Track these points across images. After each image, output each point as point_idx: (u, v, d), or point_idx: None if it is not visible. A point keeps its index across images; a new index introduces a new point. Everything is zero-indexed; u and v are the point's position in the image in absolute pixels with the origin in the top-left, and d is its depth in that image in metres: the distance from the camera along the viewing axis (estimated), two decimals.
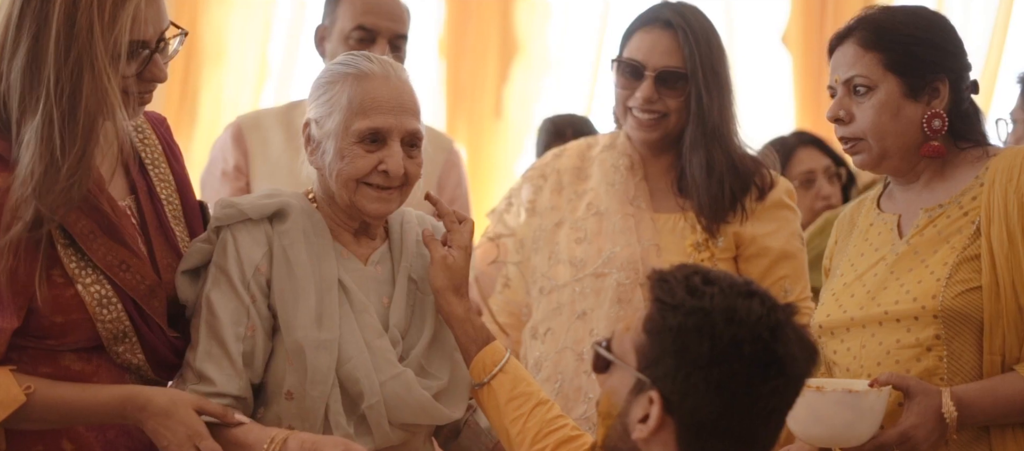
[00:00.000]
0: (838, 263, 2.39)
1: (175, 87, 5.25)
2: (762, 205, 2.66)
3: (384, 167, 2.10)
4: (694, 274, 1.67)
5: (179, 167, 2.19)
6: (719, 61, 2.66)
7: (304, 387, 2.06)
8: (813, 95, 5.03)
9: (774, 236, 2.65)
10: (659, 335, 1.64)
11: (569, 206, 2.73)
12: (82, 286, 1.99)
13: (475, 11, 5.25)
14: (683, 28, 2.63)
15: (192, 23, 5.25)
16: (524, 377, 2.13)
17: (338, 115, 2.09)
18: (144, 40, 1.98)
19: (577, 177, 2.75)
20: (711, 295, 1.64)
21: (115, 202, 2.04)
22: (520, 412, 2.10)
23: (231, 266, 2.07)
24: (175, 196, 2.16)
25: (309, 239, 2.12)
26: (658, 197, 2.70)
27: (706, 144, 2.62)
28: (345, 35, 2.99)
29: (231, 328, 2.05)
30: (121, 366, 2.05)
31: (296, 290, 2.08)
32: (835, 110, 2.29)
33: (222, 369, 2.04)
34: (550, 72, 5.27)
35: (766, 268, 2.65)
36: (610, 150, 2.74)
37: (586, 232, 2.68)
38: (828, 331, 2.31)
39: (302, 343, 2.06)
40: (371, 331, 2.11)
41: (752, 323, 1.62)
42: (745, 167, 2.67)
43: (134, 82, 1.99)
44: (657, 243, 2.63)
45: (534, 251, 2.73)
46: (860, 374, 2.23)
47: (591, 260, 2.65)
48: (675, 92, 2.63)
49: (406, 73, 2.17)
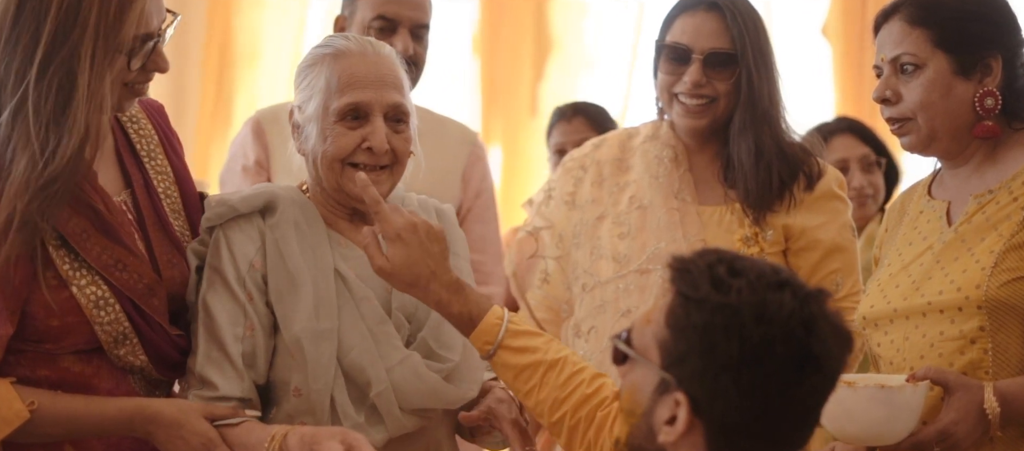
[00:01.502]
0: (886, 252, 2.31)
1: (210, 88, 5.27)
2: (811, 195, 2.58)
3: (368, 143, 2.04)
4: (718, 263, 1.54)
5: (177, 158, 2.13)
6: (766, 42, 2.59)
7: (308, 381, 2.01)
8: (854, 88, 4.94)
9: (825, 228, 2.57)
10: (683, 332, 1.53)
11: (611, 199, 2.65)
12: (77, 288, 1.93)
13: (509, 8, 5.21)
14: (729, 8, 2.55)
15: (226, 24, 5.28)
16: (526, 347, 2.00)
17: (318, 97, 2.06)
18: (149, 33, 1.93)
19: (618, 168, 2.67)
20: (738, 289, 1.51)
21: (109, 198, 1.99)
22: (531, 385, 1.99)
23: (225, 266, 2.03)
24: (174, 188, 2.10)
25: (301, 230, 2.07)
26: (703, 189, 2.62)
27: (755, 128, 2.54)
28: (365, 25, 2.94)
29: (229, 329, 2.01)
30: (124, 369, 2.00)
31: (291, 283, 2.03)
32: (882, 90, 2.20)
33: (224, 372, 2.00)
34: (586, 69, 5.21)
35: (817, 262, 2.57)
36: (653, 141, 2.66)
37: (629, 226, 2.60)
38: (872, 323, 2.23)
39: (300, 336, 2.01)
40: (374, 318, 2.06)
41: (784, 319, 1.50)
42: (794, 154, 2.59)
43: (138, 75, 1.95)
44: (703, 238, 2.55)
45: (574, 246, 2.65)
46: (903, 367, 2.15)
47: (635, 256, 2.57)
48: (724, 75, 2.55)
49: (388, 49, 2.11)
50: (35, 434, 1.92)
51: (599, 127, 3.77)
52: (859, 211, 3.57)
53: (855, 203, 3.57)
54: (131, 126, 2.09)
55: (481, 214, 3.05)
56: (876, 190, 3.66)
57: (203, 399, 1.99)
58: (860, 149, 3.66)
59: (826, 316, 1.53)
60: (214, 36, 5.30)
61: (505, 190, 4.93)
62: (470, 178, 3.05)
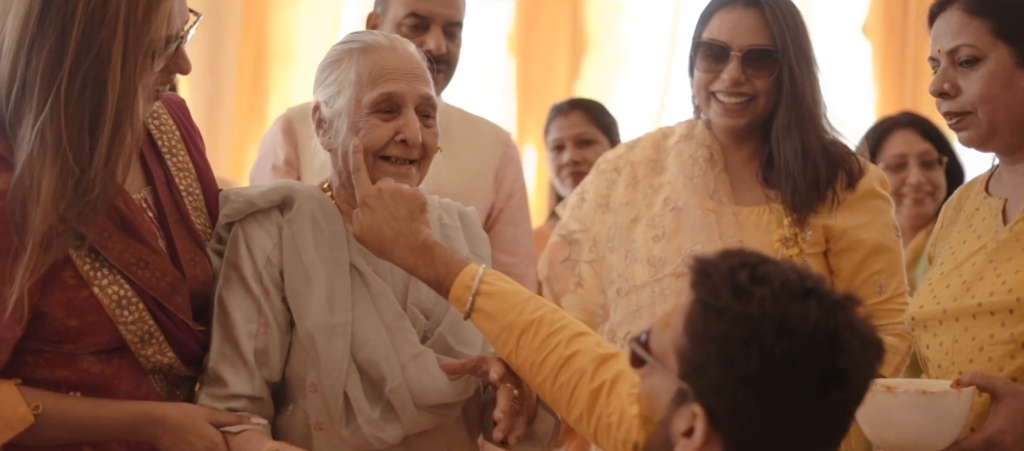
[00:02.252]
0: (940, 250, 2.24)
1: (245, 87, 5.28)
2: (853, 194, 2.50)
3: (402, 136, 2.04)
4: (741, 268, 1.46)
5: (199, 154, 2.11)
6: (806, 38, 2.52)
7: (321, 377, 1.99)
8: (895, 87, 4.86)
9: (867, 228, 2.49)
10: (701, 342, 1.45)
11: (645, 201, 2.59)
12: (98, 288, 1.90)
13: (545, 7, 5.17)
14: (768, 3, 2.48)
15: (261, 23, 5.28)
16: (499, 309, 1.94)
17: (348, 90, 2.04)
18: (175, 34, 1.91)
19: (652, 170, 2.61)
20: (760, 299, 1.42)
21: (129, 196, 1.96)
22: (508, 348, 1.94)
23: (243, 261, 2.02)
24: (196, 185, 2.08)
25: (318, 224, 2.06)
26: (740, 189, 2.55)
27: (801, 127, 2.48)
28: (397, 22, 2.91)
29: (243, 326, 2.00)
30: (151, 370, 1.98)
31: (306, 277, 2.02)
32: (939, 83, 2.13)
33: (235, 370, 1.99)
34: (622, 67, 5.16)
35: (859, 262, 2.50)
36: (687, 140, 2.59)
37: (664, 229, 2.53)
38: (921, 324, 2.16)
39: (312, 330, 2.00)
40: (390, 313, 2.04)
41: (808, 333, 1.42)
42: (836, 153, 2.52)
43: (159, 76, 1.92)
44: (740, 239, 2.48)
45: (609, 249, 2.59)
46: (951, 371, 2.08)
47: (670, 259, 2.50)
48: (763, 72, 2.49)
49: (412, 46, 2.11)
50: (40, 438, 1.90)
51: (597, 121, 3.76)
52: (915, 208, 3.48)
53: (911, 201, 3.48)
54: (152, 122, 2.06)
55: (513, 215, 3.01)
56: (935, 188, 3.54)
57: (214, 396, 1.99)
58: (920, 145, 3.55)
59: (853, 327, 1.45)
60: (249, 35, 5.30)
61: (539, 190, 4.90)
62: (502, 179, 3.01)
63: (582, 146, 3.72)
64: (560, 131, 3.76)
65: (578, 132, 3.73)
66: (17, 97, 1.85)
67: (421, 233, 1.98)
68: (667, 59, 5.04)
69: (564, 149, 3.74)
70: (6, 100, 1.86)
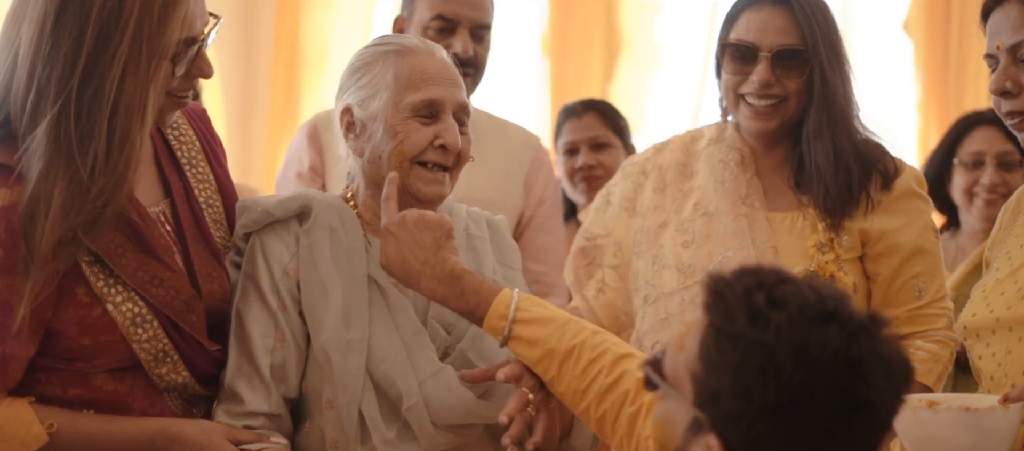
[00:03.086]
0: (996, 255, 2.14)
1: (279, 91, 5.28)
2: (889, 196, 2.41)
3: (441, 141, 1.99)
4: (757, 289, 1.36)
5: (219, 165, 2.06)
6: (837, 37, 2.43)
7: (336, 393, 1.94)
8: (938, 85, 4.75)
9: (904, 230, 2.40)
10: (715, 370, 1.36)
11: (673, 205, 2.49)
12: (112, 305, 1.86)
13: (579, 7, 5.12)
14: (797, 2, 2.39)
15: (294, 28, 5.29)
16: (537, 337, 1.87)
17: (385, 93, 1.99)
18: (193, 36, 1.86)
19: (681, 174, 2.51)
20: (777, 324, 1.33)
21: (144, 210, 1.91)
22: (550, 376, 1.87)
23: (260, 273, 1.97)
24: (216, 197, 2.03)
25: (336, 235, 2.00)
26: (772, 194, 2.45)
27: (833, 129, 2.38)
28: (424, 25, 2.86)
29: (260, 342, 1.95)
30: (165, 388, 1.94)
31: (322, 290, 1.96)
32: (1000, 82, 2.02)
33: (252, 386, 1.94)
34: (657, 69, 5.10)
35: (897, 266, 2.40)
36: (718, 144, 2.50)
37: (694, 235, 2.44)
38: (973, 333, 2.06)
39: (326, 346, 1.94)
40: (409, 329, 1.97)
41: (828, 361, 1.32)
42: (869, 153, 2.42)
43: (181, 81, 1.88)
44: (774, 245, 2.39)
45: (635, 255, 2.50)
46: (1003, 383, 1.99)
47: (701, 266, 2.40)
48: (794, 73, 2.39)
49: (445, 52, 2.08)
50: None
51: (611, 124, 3.62)
52: (986, 210, 3.30)
53: (983, 202, 3.32)
54: (172, 133, 2.02)
55: (543, 223, 2.94)
56: (1011, 190, 3.35)
57: (230, 413, 1.94)
58: (1001, 145, 3.35)
59: (878, 352, 1.35)
60: (282, 40, 5.30)
61: None
62: (532, 185, 2.95)
63: (597, 150, 3.58)
64: (573, 134, 3.62)
65: (593, 135, 3.60)
66: (33, 106, 1.81)
67: (448, 262, 1.91)
68: (703, 58, 4.96)
69: (578, 152, 3.60)
70: (22, 109, 1.83)
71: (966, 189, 3.32)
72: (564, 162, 3.63)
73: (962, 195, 3.34)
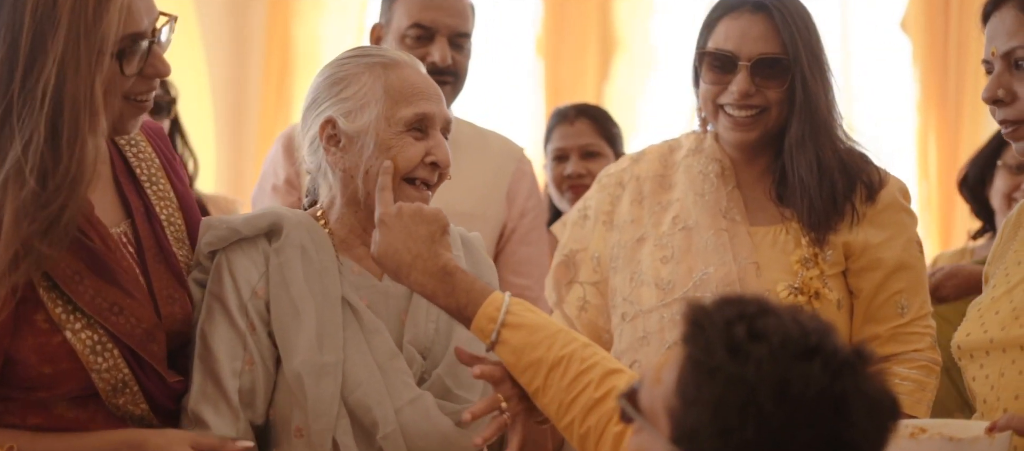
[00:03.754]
0: (994, 272, 2.06)
1: (271, 95, 5.24)
2: (873, 208, 2.33)
3: (432, 157, 1.96)
4: (738, 321, 1.30)
5: (180, 182, 2.00)
6: (818, 44, 2.34)
7: (309, 420, 1.87)
8: (937, 85, 4.68)
9: (888, 245, 2.32)
10: (693, 405, 1.30)
11: (652, 219, 2.41)
12: (71, 332, 1.80)
13: (573, 8, 5.07)
14: (777, 8, 2.31)
15: (285, 29, 5.26)
16: (526, 343, 1.80)
17: (375, 106, 1.94)
18: (139, 32, 1.80)
19: (659, 185, 2.43)
20: (758, 359, 1.27)
21: (106, 231, 1.85)
22: (536, 385, 1.80)
23: (227, 292, 1.91)
24: (177, 215, 1.97)
25: (308, 255, 1.94)
26: (754, 207, 2.37)
27: (816, 141, 2.30)
28: (401, 34, 2.79)
29: (227, 363, 1.88)
30: (122, 418, 1.87)
31: (294, 312, 1.90)
32: (993, 89, 1.96)
33: (218, 411, 1.88)
34: (653, 69, 5.04)
35: (880, 282, 2.32)
36: (697, 154, 2.42)
37: (673, 250, 2.36)
38: (967, 353, 1.99)
39: (300, 370, 1.87)
40: (384, 352, 1.91)
41: (810, 400, 1.26)
42: (853, 163, 2.34)
43: (136, 82, 1.82)
44: (756, 261, 2.31)
45: (612, 270, 2.42)
46: (996, 407, 1.92)
47: (680, 282, 2.33)
48: (775, 83, 2.31)
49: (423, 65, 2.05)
50: None
51: (603, 131, 3.49)
52: None
53: None
54: (130, 150, 1.96)
55: (526, 235, 2.87)
56: None
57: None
58: None
59: (863, 391, 1.29)
60: (274, 43, 5.26)
61: None
62: (515, 196, 2.88)
63: (587, 158, 3.44)
64: (564, 140, 3.49)
65: (584, 142, 3.46)
66: None
67: (441, 257, 1.85)
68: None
69: (567, 160, 3.46)
70: None
71: (1007, 193, 3.16)
72: (552, 168, 3.52)
73: (1001, 199, 3.17)
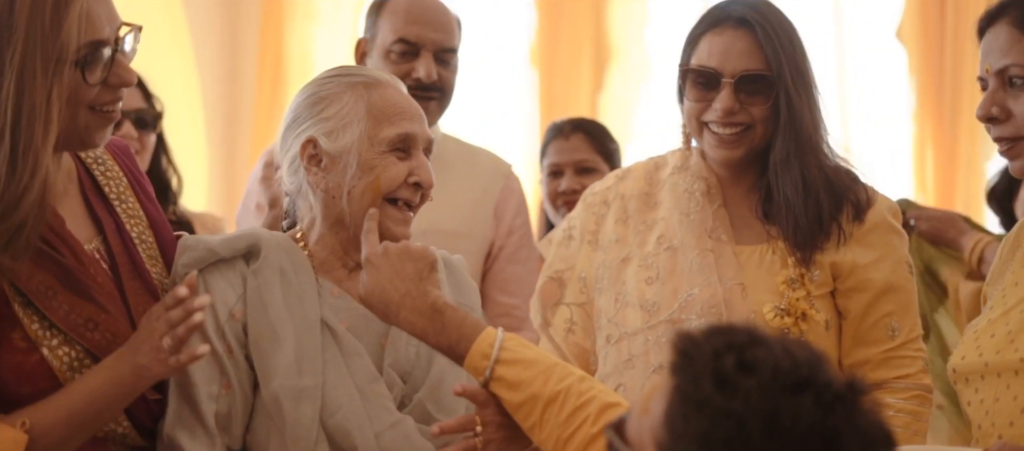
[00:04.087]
0: (992, 293, 2.02)
1: (264, 106, 5.22)
2: (861, 228, 2.28)
3: (415, 178, 1.94)
4: (727, 351, 1.26)
5: (149, 201, 1.97)
6: (804, 59, 2.29)
7: (287, 445, 1.84)
8: (933, 94, 4.65)
9: (877, 266, 2.27)
10: (681, 439, 1.26)
11: (637, 239, 2.36)
12: (48, 349, 1.77)
13: (568, 17, 5.04)
14: (760, 23, 2.26)
15: (278, 39, 5.24)
16: (521, 380, 1.77)
17: (358, 126, 1.92)
18: (100, 39, 1.77)
19: (645, 204, 2.38)
20: (747, 392, 1.23)
21: (80, 246, 1.83)
22: (532, 421, 1.77)
23: (204, 315, 1.86)
24: (148, 233, 1.94)
25: (286, 277, 1.92)
26: (740, 226, 2.32)
27: (801, 158, 2.25)
28: (386, 49, 2.76)
29: (204, 387, 1.86)
30: (104, 437, 1.84)
31: (272, 335, 1.87)
32: (986, 106, 1.93)
33: (194, 436, 1.85)
34: (648, 78, 5.01)
35: (868, 303, 2.27)
36: (682, 172, 2.36)
37: (658, 270, 2.31)
38: (962, 377, 1.96)
39: (278, 393, 1.85)
40: (364, 376, 1.89)
41: (801, 434, 1.21)
42: (840, 181, 2.29)
43: (101, 92, 1.79)
44: (742, 282, 2.26)
45: (598, 291, 2.37)
46: (991, 433, 1.88)
47: (665, 304, 2.28)
48: (759, 99, 2.26)
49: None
50: (49, 447, 1.76)
51: (599, 147, 3.44)
52: None
53: None
54: (97, 168, 1.93)
55: (514, 253, 2.84)
56: None
57: None
58: None
59: (856, 426, 1.24)
60: (267, 55, 5.25)
61: None
62: (503, 214, 2.84)
63: (582, 173, 3.38)
64: (559, 155, 3.44)
65: (579, 158, 3.41)
66: None
67: (430, 294, 1.83)
68: None
69: (562, 175, 3.42)
70: None
71: None
72: (547, 183, 3.48)
73: None
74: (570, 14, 5.03)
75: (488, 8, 5.07)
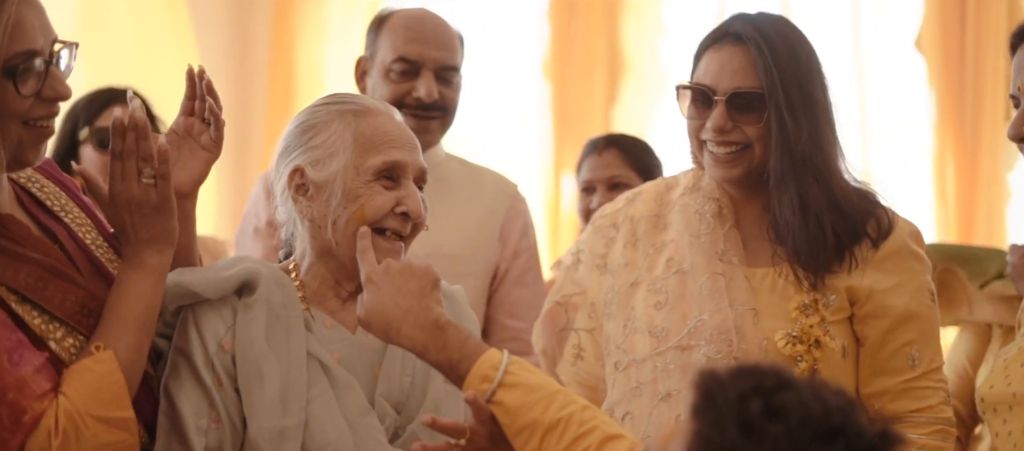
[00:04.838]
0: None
1: (273, 122, 5.18)
2: (879, 253, 2.19)
3: (403, 208, 1.89)
4: (753, 395, 1.19)
5: (87, 205, 1.95)
6: (807, 77, 2.20)
7: None
8: (953, 105, 4.56)
9: (896, 291, 2.18)
10: None
11: (646, 262, 2.28)
12: (54, 342, 1.76)
13: (581, 29, 4.98)
14: (755, 40, 2.18)
15: (289, 56, 5.21)
16: (522, 404, 1.72)
17: (344, 154, 1.88)
18: (34, 49, 1.73)
19: (654, 226, 2.31)
20: (774, 439, 1.16)
21: (47, 247, 1.80)
22: (529, 449, 1.71)
23: (193, 348, 1.84)
24: (100, 238, 1.92)
25: (274, 312, 1.87)
26: (752, 248, 2.24)
27: (796, 178, 2.17)
28: (386, 68, 2.71)
29: (192, 421, 1.82)
30: None
31: (257, 373, 1.83)
32: (1018, 126, 1.88)
33: None
34: (663, 92, 4.94)
35: (887, 330, 2.18)
36: (694, 193, 2.29)
37: (667, 295, 2.23)
38: (990, 407, 1.90)
39: (257, 435, 1.81)
40: (355, 409, 1.84)
41: None
42: (852, 205, 2.20)
43: (34, 105, 1.75)
44: (754, 307, 2.18)
45: (606, 316, 2.30)
46: None
47: (674, 329, 2.20)
48: (751, 117, 2.18)
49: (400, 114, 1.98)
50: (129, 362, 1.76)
51: (634, 162, 3.32)
52: None
53: None
54: (33, 186, 1.90)
55: (521, 276, 2.77)
56: None
57: None
58: None
59: None
60: (278, 72, 5.21)
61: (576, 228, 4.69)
62: (508, 236, 2.77)
63: (614, 190, 3.20)
64: (591, 172, 3.33)
65: (611, 174, 3.29)
66: None
67: (433, 311, 1.78)
68: None
69: (594, 191, 3.31)
70: None
71: None
72: (581, 200, 3.38)
73: None
74: (583, 26, 4.97)
75: (500, 21, 5.02)
